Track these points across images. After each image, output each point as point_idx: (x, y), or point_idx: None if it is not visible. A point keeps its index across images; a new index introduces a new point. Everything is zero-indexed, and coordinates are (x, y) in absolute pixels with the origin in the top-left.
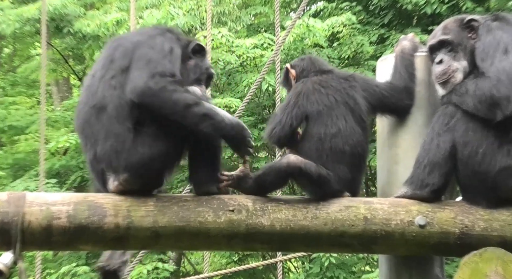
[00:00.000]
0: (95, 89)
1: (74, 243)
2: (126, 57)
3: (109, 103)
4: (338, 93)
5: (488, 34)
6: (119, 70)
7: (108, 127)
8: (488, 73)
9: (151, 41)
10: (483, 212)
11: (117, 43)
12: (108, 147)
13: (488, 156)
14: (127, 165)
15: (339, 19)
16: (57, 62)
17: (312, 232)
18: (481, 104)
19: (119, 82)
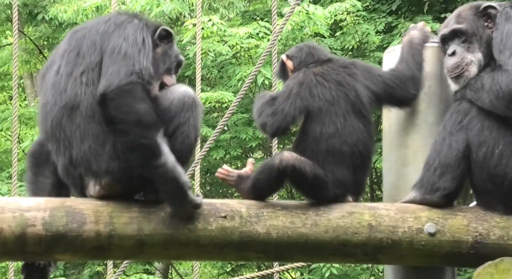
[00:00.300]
0: (63, 87)
1: (51, 253)
2: (95, 51)
3: (83, 101)
4: (339, 86)
5: (507, 22)
6: (89, 65)
7: (84, 128)
8: (506, 66)
9: (121, 31)
10: (499, 219)
11: (80, 34)
12: (86, 149)
13: (506, 158)
14: (108, 168)
15: (342, 5)
16: (31, 52)
17: (312, 241)
18: (498, 100)
19: (91, 79)
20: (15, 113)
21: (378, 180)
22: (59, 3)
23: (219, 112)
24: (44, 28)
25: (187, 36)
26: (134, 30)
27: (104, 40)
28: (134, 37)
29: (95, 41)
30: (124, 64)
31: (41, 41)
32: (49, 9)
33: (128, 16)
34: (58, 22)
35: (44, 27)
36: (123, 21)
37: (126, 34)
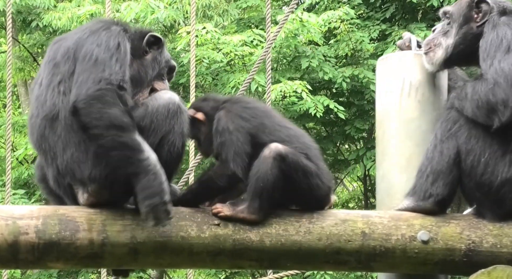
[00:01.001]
0: (44, 98)
1: (44, 261)
2: (69, 59)
3: (61, 111)
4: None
5: (492, 30)
6: (66, 74)
7: (65, 137)
8: (486, 75)
9: (95, 37)
10: (492, 226)
11: (58, 44)
12: (68, 158)
13: (491, 166)
14: (91, 175)
15: (335, 13)
16: (25, 60)
17: (305, 248)
18: (479, 109)
19: (68, 87)
20: (8, 121)
21: (372, 188)
22: (53, 11)
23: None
24: (38, 36)
25: (181, 43)
26: (109, 36)
27: (77, 47)
28: (107, 42)
29: (69, 49)
30: (94, 70)
31: (35, 49)
32: (43, 17)
33: (105, 23)
34: (53, 29)
35: (38, 34)
36: (99, 28)
37: (99, 40)
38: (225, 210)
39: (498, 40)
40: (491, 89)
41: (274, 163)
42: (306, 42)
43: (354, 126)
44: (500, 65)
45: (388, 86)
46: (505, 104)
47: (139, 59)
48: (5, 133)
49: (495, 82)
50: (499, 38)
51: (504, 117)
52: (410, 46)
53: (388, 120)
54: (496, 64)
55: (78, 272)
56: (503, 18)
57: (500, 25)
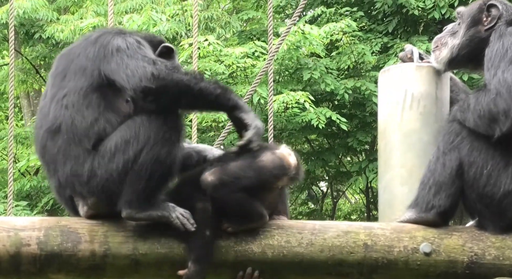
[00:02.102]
0: (47, 111)
1: (45, 272)
2: (83, 74)
3: (62, 124)
4: None
5: (498, 40)
6: (73, 88)
7: (65, 150)
8: (489, 85)
9: (115, 39)
10: (494, 239)
11: (68, 59)
12: (68, 171)
13: (493, 178)
14: (90, 188)
15: (337, 25)
16: (28, 72)
17: (307, 260)
18: (480, 119)
19: (71, 102)
20: (10, 133)
21: (374, 200)
22: (56, 23)
23: (215, 131)
24: (41, 48)
25: (183, 55)
26: (124, 37)
27: (98, 65)
28: (131, 43)
29: (85, 67)
30: (136, 56)
31: (37, 61)
32: (46, 29)
33: (115, 33)
34: (55, 41)
35: (41, 46)
36: (108, 41)
37: (121, 44)
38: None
39: (503, 50)
40: (493, 99)
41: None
42: (308, 54)
43: (356, 138)
44: (503, 75)
45: (390, 98)
46: (507, 114)
47: None
48: (7, 145)
49: (497, 92)
50: (504, 48)
51: (505, 127)
52: (412, 58)
53: (390, 131)
54: (500, 75)
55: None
56: (510, 28)
57: (506, 35)
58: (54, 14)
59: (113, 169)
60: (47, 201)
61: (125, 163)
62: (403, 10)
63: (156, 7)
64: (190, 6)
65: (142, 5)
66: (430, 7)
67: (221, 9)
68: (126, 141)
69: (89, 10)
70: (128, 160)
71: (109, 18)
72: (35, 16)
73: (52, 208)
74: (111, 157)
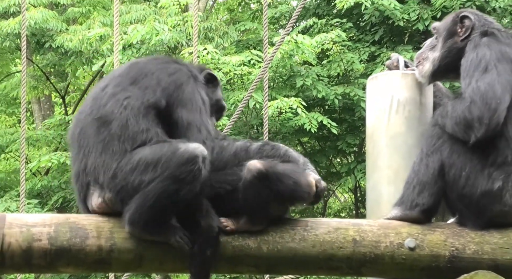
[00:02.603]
0: (104, 102)
1: (55, 266)
2: (151, 93)
3: (115, 120)
4: None
5: (473, 51)
6: (136, 96)
7: (107, 143)
8: (464, 93)
9: (187, 89)
10: (474, 234)
11: (141, 71)
12: (100, 161)
13: (471, 179)
14: (110, 184)
15: (328, 35)
16: (38, 79)
17: (300, 255)
18: (457, 125)
19: (132, 105)
20: (23, 135)
21: (362, 198)
22: (65, 33)
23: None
24: (51, 56)
25: None
26: (193, 88)
27: (167, 98)
28: (198, 99)
29: (154, 89)
30: (200, 128)
31: (48, 68)
32: (55, 38)
33: (189, 77)
34: (64, 50)
35: (51, 55)
36: (182, 82)
37: (189, 95)
38: (230, 224)
39: (477, 60)
40: (468, 107)
41: (255, 181)
42: (301, 62)
43: (346, 141)
44: (477, 84)
45: (377, 104)
46: (480, 121)
47: None
48: (19, 147)
49: (471, 100)
50: (478, 58)
51: (479, 134)
52: (398, 66)
53: (377, 135)
54: (474, 83)
55: (88, 276)
56: (484, 39)
57: (480, 46)
58: (63, 25)
59: (129, 181)
60: (57, 199)
61: (140, 183)
62: (389, 21)
63: (158, 18)
64: (190, 17)
65: (145, 16)
66: (415, 19)
67: (220, 20)
68: (147, 163)
69: (96, 20)
70: (141, 182)
71: (114, 28)
72: (46, 26)
73: (62, 205)
74: (131, 169)
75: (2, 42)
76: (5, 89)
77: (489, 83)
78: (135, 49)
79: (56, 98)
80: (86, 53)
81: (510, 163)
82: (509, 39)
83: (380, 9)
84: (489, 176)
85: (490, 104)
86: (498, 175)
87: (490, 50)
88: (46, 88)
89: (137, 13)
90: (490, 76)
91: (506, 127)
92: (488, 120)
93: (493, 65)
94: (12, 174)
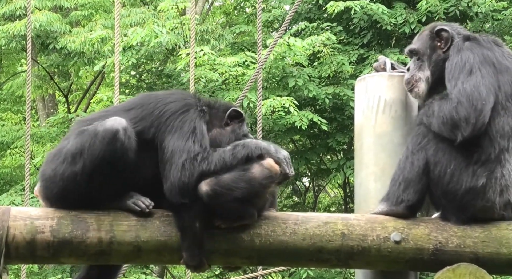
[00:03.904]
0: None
1: (58, 257)
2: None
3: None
4: None
5: (457, 54)
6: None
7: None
8: (451, 94)
9: (176, 121)
10: (456, 229)
11: (149, 99)
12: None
13: (456, 176)
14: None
15: (319, 38)
16: (43, 78)
17: (291, 247)
18: (444, 125)
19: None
20: (28, 132)
21: (351, 194)
22: (68, 35)
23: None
24: (55, 57)
25: (181, 64)
26: (186, 119)
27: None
28: (189, 126)
29: (152, 125)
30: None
31: (52, 68)
32: (59, 40)
33: (186, 105)
34: (68, 51)
35: (55, 56)
36: (179, 108)
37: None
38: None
39: (462, 63)
40: (455, 107)
41: (212, 200)
42: (293, 64)
43: (336, 139)
44: (463, 86)
45: (365, 104)
46: (467, 121)
47: (219, 128)
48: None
49: (458, 101)
50: (463, 61)
51: (466, 133)
52: (385, 68)
53: (365, 133)
54: (460, 85)
55: None
56: (467, 43)
57: (464, 50)
58: (67, 27)
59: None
60: None
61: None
62: (377, 25)
63: (157, 21)
64: (188, 20)
65: (145, 19)
66: (401, 22)
67: (216, 23)
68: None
69: (98, 23)
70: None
71: (115, 30)
72: (50, 28)
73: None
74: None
75: (9, 43)
76: (11, 88)
77: (474, 85)
78: (134, 51)
79: (60, 97)
80: (88, 54)
81: (493, 161)
82: (490, 44)
83: (369, 13)
84: (474, 173)
85: (476, 105)
86: (482, 172)
87: (473, 53)
88: (50, 87)
89: (137, 16)
90: (475, 78)
91: (489, 127)
92: (474, 120)
93: (477, 68)
94: (17, 169)
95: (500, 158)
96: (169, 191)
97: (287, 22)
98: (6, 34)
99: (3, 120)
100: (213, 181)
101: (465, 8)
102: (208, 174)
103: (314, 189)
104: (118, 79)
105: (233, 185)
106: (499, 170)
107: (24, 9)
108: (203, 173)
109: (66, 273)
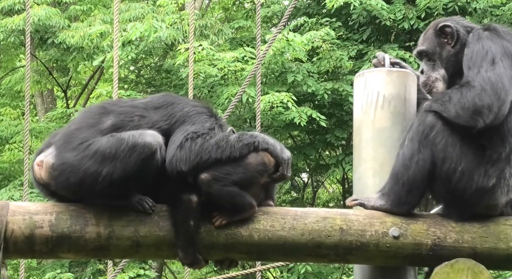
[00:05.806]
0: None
1: (56, 252)
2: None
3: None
4: None
5: (477, 42)
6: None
7: (90, 119)
8: (473, 82)
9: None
10: (454, 224)
11: (172, 101)
12: (73, 130)
13: (466, 175)
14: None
15: (318, 34)
16: (42, 73)
17: (290, 243)
18: (463, 111)
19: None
20: (26, 127)
21: (350, 189)
22: (67, 30)
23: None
24: (54, 52)
25: (180, 59)
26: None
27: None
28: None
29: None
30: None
31: (51, 63)
32: (58, 35)
33: (207, 116)
34: (66, 46)
35: (53, 51)
36: (199, 113)
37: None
38: (223, 217)
39: (484, 52)
40: (478, 94)
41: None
42: (292, 59)
43: (334, 134)
44: (487, 74)
45: (364, 99)
46: (490, 108)
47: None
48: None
49: (482, 88)
50: (484, 49)
51: (488, 120)
52: (384, 63)
53: (364, 129)
54: (484, 73)
55: (87, 262)
56: (486, 32)
57: (484, 39)
58: (65, 22)
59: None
60: None
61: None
62: (376, 21)
63: (156, 16)
64: (187, 15)
65: (144, 14)
66: (400, 18)
67: (215, 18)
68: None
69: (96, 18)
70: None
71: (114, 25)
72: (49, 23)
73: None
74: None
75: (7, 38)
76: (10, 83)
77: (498, 75)
78: (134, 46)
79: (58, 92)
80: (87, 49)
81: (503, 160)
82: (509, 36)
83: (368, 9)
84: (485, 173)
85: (500, 94)
86: (494, 172)
87: (494, 44)
88: (49, 82)
89: (136, 11)
90: (498, 68)
91: (501, 125)
92: (497, 109)
93: (499, 58)
94: (16, 164)
95: (510, 158)
96: (170, 160)
97: (286, 17)
98: (4, 29)
99: (2, 115)
100: (212, 169)
101: (464, 3)
102: (211, 149)
103: (312, 185)
104: (117, 74)
105: (231, 169)
106: (508, 170)
107: (23, 4)
108: (207, 144)
109: (64, 268)
